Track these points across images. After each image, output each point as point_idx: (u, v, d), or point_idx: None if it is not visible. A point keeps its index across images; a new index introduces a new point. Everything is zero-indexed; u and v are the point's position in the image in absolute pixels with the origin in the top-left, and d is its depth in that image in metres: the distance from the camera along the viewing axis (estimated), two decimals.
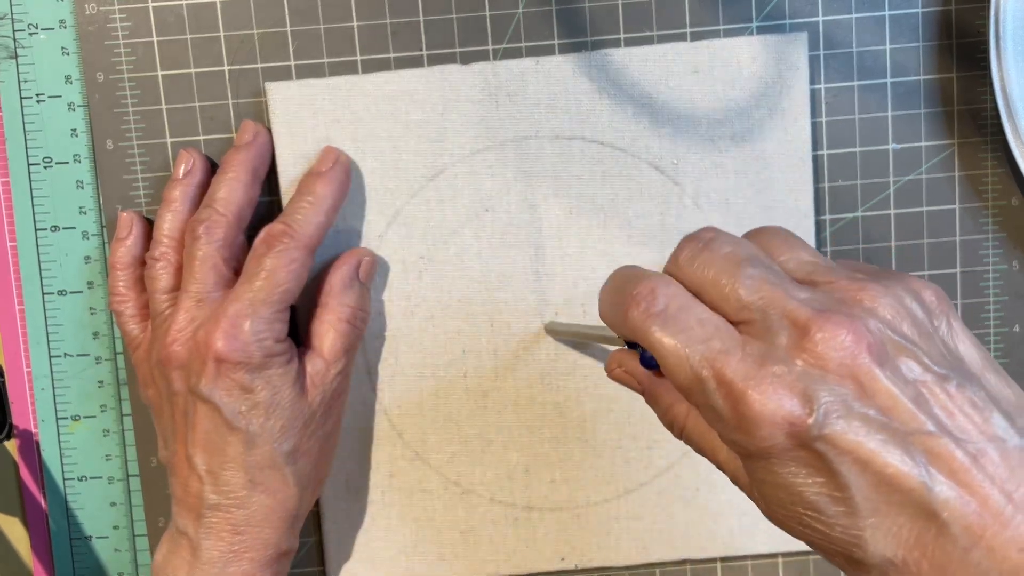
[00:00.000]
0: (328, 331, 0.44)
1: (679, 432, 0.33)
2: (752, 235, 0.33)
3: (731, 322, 0.30)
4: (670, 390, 0.33)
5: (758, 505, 0.31)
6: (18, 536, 0.49)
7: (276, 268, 0.41)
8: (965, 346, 0.30)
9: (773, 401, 0.28)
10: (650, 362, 0.33)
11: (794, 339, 0.28)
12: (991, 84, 0.44)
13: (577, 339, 0.45)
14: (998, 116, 0.44)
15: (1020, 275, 0.47)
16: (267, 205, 0.46)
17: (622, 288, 0.32)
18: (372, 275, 0.45)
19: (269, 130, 0.45)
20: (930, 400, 0.28)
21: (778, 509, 0.29)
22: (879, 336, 0.28)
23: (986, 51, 0.44)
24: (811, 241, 0.46)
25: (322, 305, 0.44)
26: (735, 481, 0.32)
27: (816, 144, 0.46)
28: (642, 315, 0.30)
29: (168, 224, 0.44)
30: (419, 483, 0.47)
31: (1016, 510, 0.27)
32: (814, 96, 0.45)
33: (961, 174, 0.46)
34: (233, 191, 0.43)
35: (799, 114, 0.45)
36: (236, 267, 0.43)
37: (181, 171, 0.44)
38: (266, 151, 0.44)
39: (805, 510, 0.28)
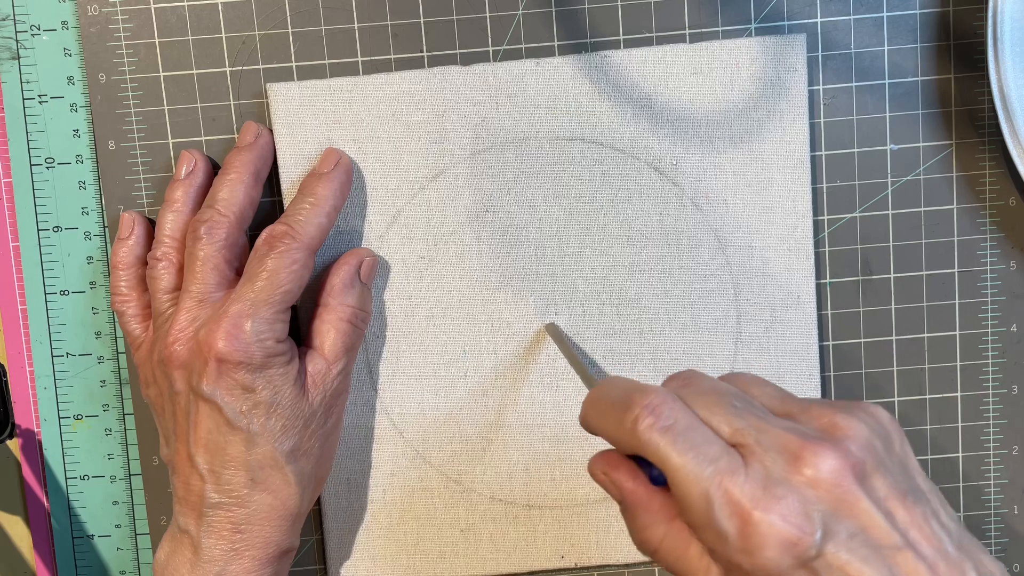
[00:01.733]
0: (329, 331, 0.44)
1: (651, 551, 0.34)
2: (724, 378, 0.35)
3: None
4: (652, 510, 0.34)
5: None
6: (21, 535, 0.49)
7: (277, 269, 0.41)
8: (913, 463, 0.33)
9: (779, 522, 0.30)
10: (659, 479, 0.33)
11: (789, 464, 0.30)
12: (989, 85, 0.44)
13: (564, 356, 0.45)
14: (996, 117, 0.44)
15: (1018, 275, 0.47)
16: (269, 206, 0.46)
17: (627, 400, 0.32)
18: (373, 275, 0.46)
19: (271, 131, 0.45)
20: (896, 516, 0.31)
21: None
22: (859, 459, 0.31)
23: (984, 52, 0.44)
24: (809, 241, 0.46)
25: (323, 305, 0.44)
26: None
27: (814, 145, 0.46)
28: (653, 429, 0.31)
29: (170, 224, 0.44)
30: (420, 481, 0.47)
31: None
32: (812, 97, 0.45)
33: (959, 175, 0.46)
34: (235, 192, 0.43)
35: (797, 115, 0.45)
36: (238, 267, 0.43)
37: (183, 172, 0.44)
38: (268, 152, 0.45)
39: None
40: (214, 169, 0.45)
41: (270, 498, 0.42)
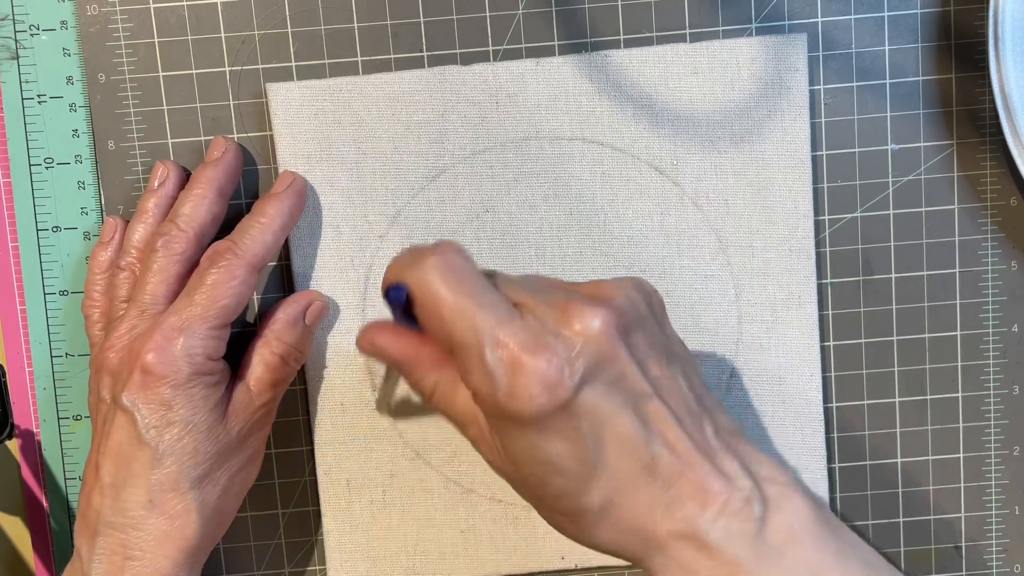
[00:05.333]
0: (259, 363, 0.43)
1: (427, 399, 0.38)
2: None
3: None
4: (421, 362, 0.37)
5: (495, 462, 0.36)
6: (20, 535, 0.49)
7: (216, 284, 0.41)
8: (671, 330, 0.39)
9: (543, 365, 0.33)
10: (409, 314, 0.35)
11: (560, 318, 0.34)
12: (990, 85, 0.44)
13: None
14: (997, 117, 0.44)
15: (1019, 275, 0.47)
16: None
17: (424, 249, 0.36)
18: (319, 320, 0.45)
19: (240, 146, 0.45)
20: (650, 370, 0.35)
21: (523, 467, 0.35)
22: (622, 317, 0.34)
23: (985, 52, 0.44)
24: (810, 241, 0.46)
25: (261, 337, 0.44)
26: (475, 442, 0.37)
27: (815, 145, 0.46)
28: (435, 264, 0.34)
29: (138, 235, 0.44)
30: (420, 482, 0.47)
31: (706, 460, 0.34)
32: (813, 97, 0.45)
33: (960, 174, 0.46)
34: (197, 208, 0.43)
35: (798, 115, 0.45)
36: None
37: (155, 182, 0.44)
38: (234, 168, 0.44)
39: (546, 468, 0.34)
40: (187, 180, 0.45)
41: (166, 525, 0.40)
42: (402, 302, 0.35)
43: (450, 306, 0.34)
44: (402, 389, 0.47)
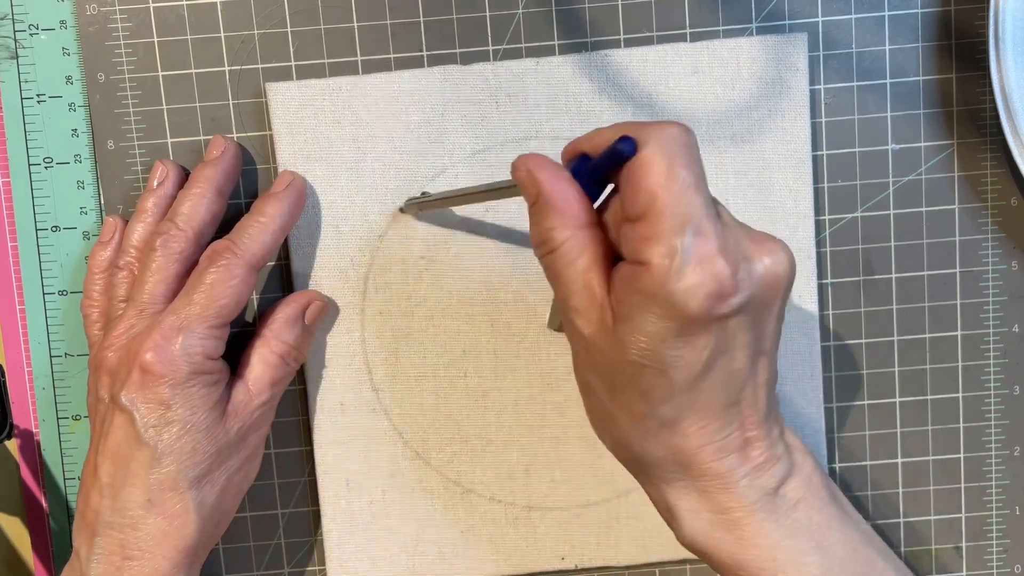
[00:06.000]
0: (258, 362, 0.43)
1: (545, 251, 0.36)
2: None
3: None
4: (565, 213, 0.35)
5: (588, 331, 0.35)
6: (19, 535, 0.49)
7: (215, 283, 0.41)
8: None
9: (726, 275, 0.32)
10: (619, 155, 0.33)
11: (751, 247, 0.34)
12: (990, 84, 0.44)
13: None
14: (997, 116, 0.44)
15: (1019, 275, 0.47)
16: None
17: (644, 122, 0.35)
18: (319, 320, 0.45)
19: (239, 145, 0.45)
20: (777, 328, 0.37)
21: (631, 351, 0.34)
22: (793, 275, 0.36)
23: (985, 51, 0.44)
24: (811, 241, 0.46)
25: (260, 336, 0.44)
26: (570, 308, 0.35)
27: (816, 144, 0.46)
28: (680, 134, 0.33)
29: (137, 235, 0.44)
30: (419, 482, 0.47)
31: (764, 424, 0.37)
32: (813, 96, 0.45)
33: (960, 174, 0.46)
34: (196, 207, 0.43)
35: (799, 114, 0.45)
36: None
37: (155, 182, 0.44)
38: (232, 167, 0.44)
39: (657, 363, 0.34)
40: (186, 180, 0.45)
41: (165, 524, 0.40)
42: (620, 157, 0.33)
43: (678, 177, 0.32)
44: (402, 390, 0.47)
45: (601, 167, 0.34)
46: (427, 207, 0.44)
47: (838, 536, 0.37)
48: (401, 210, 0.45)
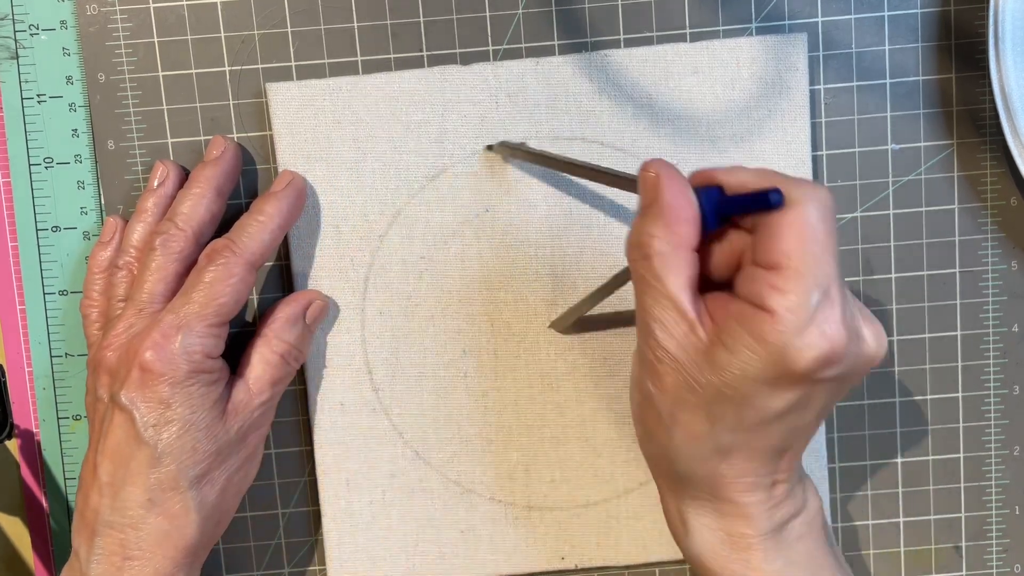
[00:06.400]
0: (259, 362, 0.43)
1: (639, 255, 0.36)
2: None
3: None
4: (676, 227, 0.35)
5: (669, 343, 0.36)
6: (19, 535, 0.49)
7: (214, 281, 0.41)
8: None
9: (841, 343, 0.33)
10: (766, 203, 0.34)
11: (865, 323, 0.35)
12: (990, 84, 0.44)
13: (586, 308, 0.44)
14: (997, 116, 0.44)
15: (1019, 275, 0.47)
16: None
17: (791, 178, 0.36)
18: (320, 319, 0.45)
19: (239, 145, 0.45)
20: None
21: (724, 374, 0.34)
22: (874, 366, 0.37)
23: (985, 51, 0.44)
24: None
25: (261, 335, 0.44)
26: (653, 319, 0.36)
27: (815, 144, 0.46)
28: (827, 198, 0.34)
29: (137, 235, 0.44)
30: (419, 482, 0.47)
31: (796, 474, 0.39)
32: (813, 97, 0.45)
33: (960, 174, 0.46)
34: (195, 207, 0.43)
35: (798, 114, 0.45)
36: None
37: (155, 182, 0.44)
38: (232, 167, 0.44)
39: (741, 394, 0.35)
40: (186, 180, 0.45)
41: (166, 524, 0.40)
42: (766, 205, 0.34)
43: (822, 242, 0.34)
44: (402, 390, 0.47)
45: (737, 206, 0.35)
46: (519, 156, 0.44)
47: (829, 573, 0.39)
48: (489, 148, 0.45)
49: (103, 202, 0.46)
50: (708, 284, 0.37)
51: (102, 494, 0.41)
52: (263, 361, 0.43)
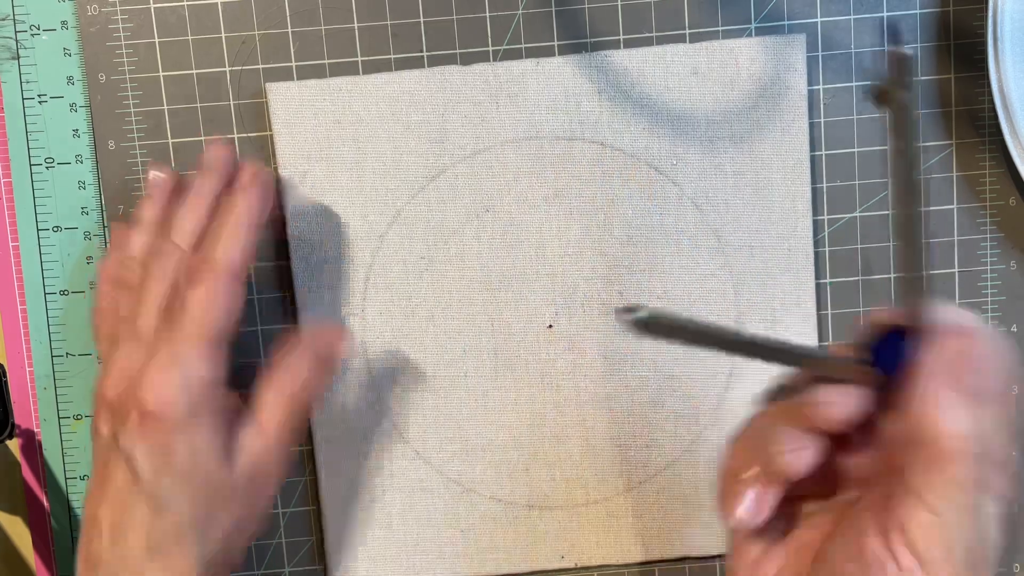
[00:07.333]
0: (271, 402, 0.41)
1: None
2: None
3: None
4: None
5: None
6: (20, 535, 0.49)
7: (198, 302, 0.39)
8: None
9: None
10: (892, 361, 0.31)
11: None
12: (989, 85, 0.44)
13: (691, 329, 0.30)
14: (996, 117, 0.44)
15: (1018, 275, 0.47)
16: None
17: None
18: (337, 358, 0.43)
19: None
20: None
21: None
22: None
23: (984, 52, 0.44)
24: (809, 241, 0.46)
25: (272, 375, 0.42)
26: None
27: (814, 144, 0.46)
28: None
29: (137, 248, 0.42)
30: (419, 482, 0.47)
31: None
32: (812, 97, 0.45)
33: (959, 174, 0.46)
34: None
35: (797, 115, 0.45)
36: None
37: (153, 190, 0.43)
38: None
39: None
40: (184, 183, 0.43)
41: (166, 575, 0.38)
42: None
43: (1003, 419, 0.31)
44: (402, 389, 0.47)
45: (885, 355, 0.32)
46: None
47: None
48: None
49: (103, 202, 0.46)
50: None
51: (103, 540, 0.39)
52: (275, 401, 0.41)
